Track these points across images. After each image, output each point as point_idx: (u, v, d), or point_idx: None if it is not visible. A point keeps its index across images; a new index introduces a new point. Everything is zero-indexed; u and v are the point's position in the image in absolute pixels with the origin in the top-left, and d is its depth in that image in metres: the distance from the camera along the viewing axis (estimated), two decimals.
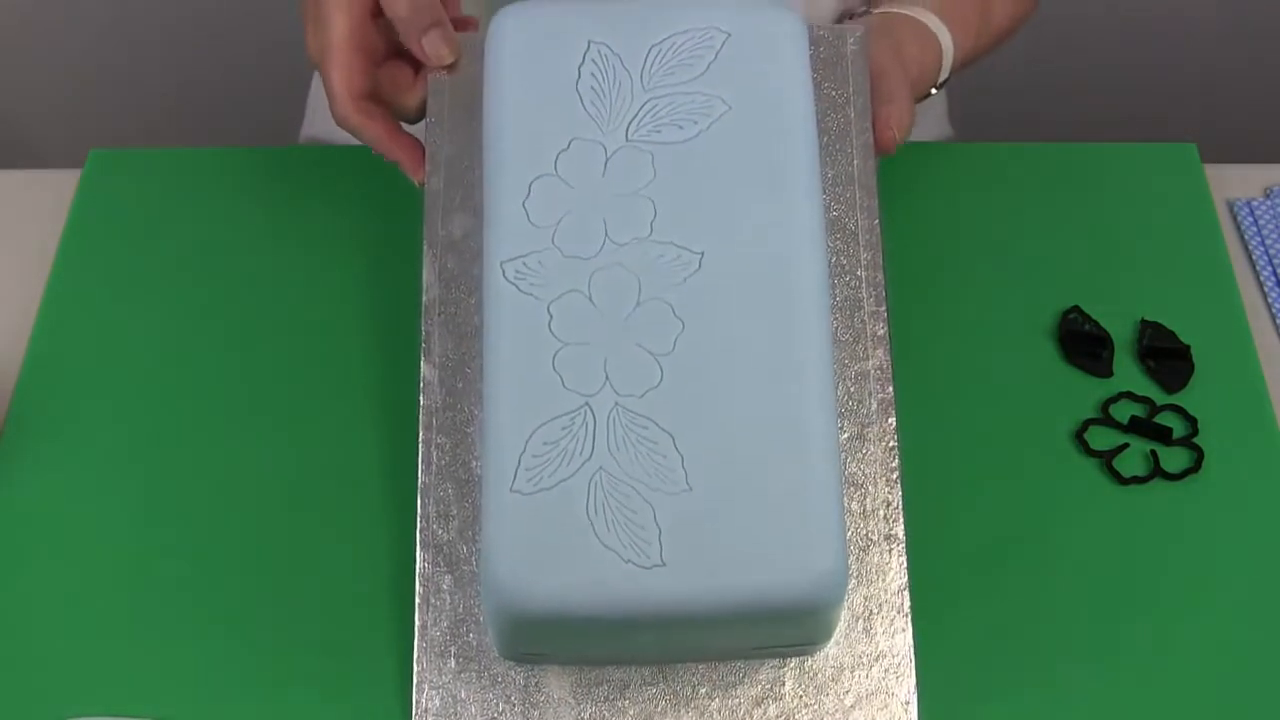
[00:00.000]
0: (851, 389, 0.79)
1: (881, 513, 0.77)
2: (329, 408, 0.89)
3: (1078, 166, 1.02)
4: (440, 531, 0.77)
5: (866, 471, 0.78)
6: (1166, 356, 0.92)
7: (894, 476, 0.78)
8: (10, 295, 0.95)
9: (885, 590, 0.77)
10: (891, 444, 0.78)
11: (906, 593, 0.77)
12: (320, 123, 1.18)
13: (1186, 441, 0.89)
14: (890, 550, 0.77)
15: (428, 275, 0.81)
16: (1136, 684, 0.81)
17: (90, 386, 0.90)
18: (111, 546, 0.84)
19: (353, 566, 0.83)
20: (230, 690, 0.80)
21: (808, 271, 0.75)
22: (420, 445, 0.78)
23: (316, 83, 1.19)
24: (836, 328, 0.79)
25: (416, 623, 0.77)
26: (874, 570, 0.77)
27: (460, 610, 0.77)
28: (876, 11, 0.95)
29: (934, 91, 0.95)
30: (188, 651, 0.81)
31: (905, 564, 0.77)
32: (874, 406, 0.79)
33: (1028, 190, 1.01)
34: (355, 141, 1.16)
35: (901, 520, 0.77)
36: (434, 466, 0.78)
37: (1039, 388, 0.91)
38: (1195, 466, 0.88)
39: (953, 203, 0.99)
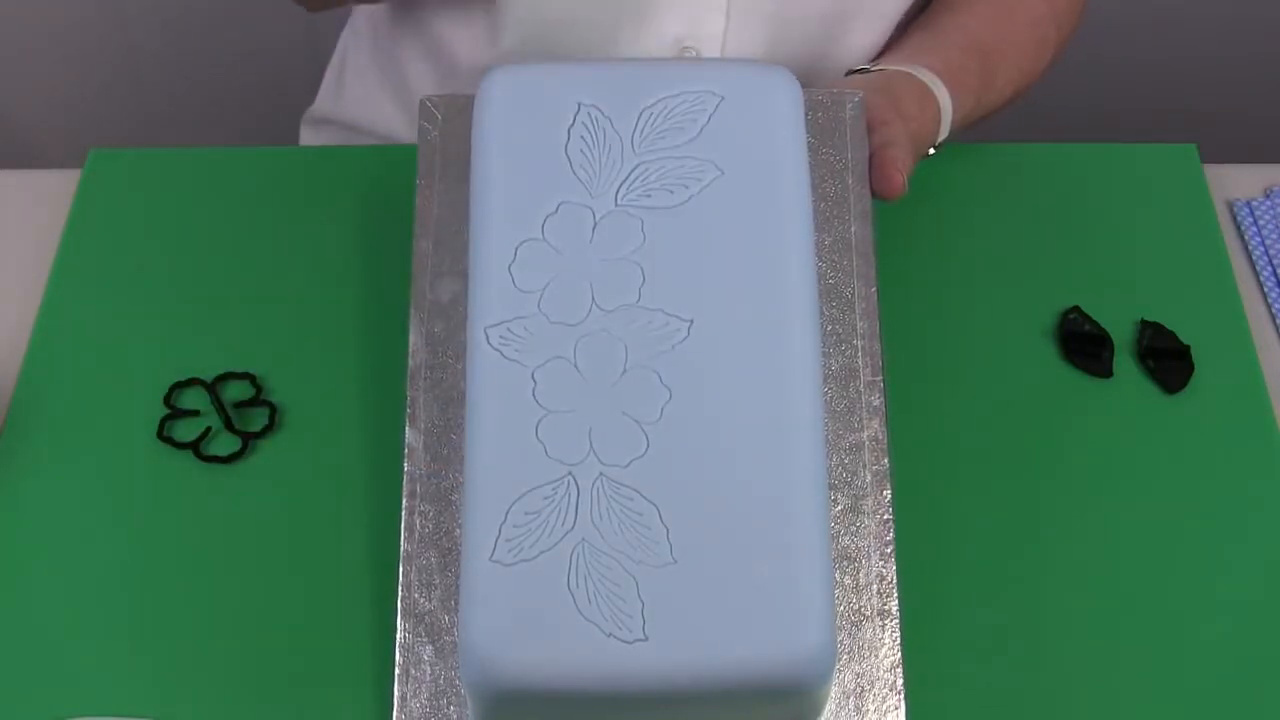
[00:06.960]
0: (845, 460, 0.77)
1: (875, 587, 0.76)
2: (327, 406, 0.89)
3: (1078, 166, 1.02)
4: (422, 600, 0.75)
5: (860, 545, 0.76)
6: (1166, 356, 0.92)
7: (888, 550, 0.76)
8: (10, 295, 0.95)
9: (877, 667, 0.75)
10: (886, 517, 0.77)
11: (900, 669, 0.75)
12: (330, 103, 1.17)
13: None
14: (884, 626, 0.75)
15: (414, 340, 0.80)
16: None
17: (90, 386, 0.90)
18: (111, 547, 0.84)
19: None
20: (229, 691, 0.80)
21: (799, 340, 0.73)
22: (403, 512, 0.77)
23: (336, 59, 1.17)
24: (831, 397, 0.78)
25: (396, 694, 0.75)
26: (866, 646, 0.75)
27: (441, 682, 0.74)
28: (875, 69, 0.95)
29: (932, 151, 0.94)
30: (186, 652, 0.81)
31: (899, 640, 0.75)
32: (869, 478, 0.77)
33: (1028, 190, 1.01)
34: (352, 138, 1.16)
35: (896, 595, 0.75)
36: (417, 534, 0.76)
37: (1039, 388, 0.91)
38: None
39: (953, 203, 0.99)
